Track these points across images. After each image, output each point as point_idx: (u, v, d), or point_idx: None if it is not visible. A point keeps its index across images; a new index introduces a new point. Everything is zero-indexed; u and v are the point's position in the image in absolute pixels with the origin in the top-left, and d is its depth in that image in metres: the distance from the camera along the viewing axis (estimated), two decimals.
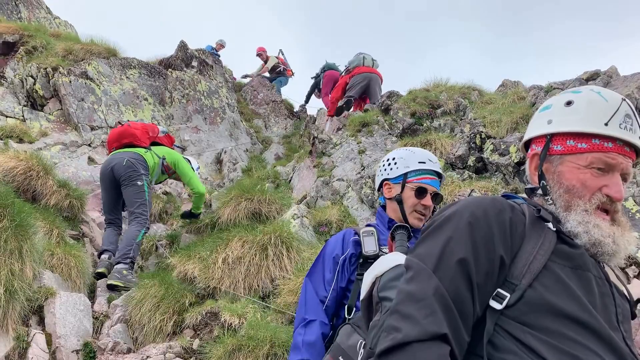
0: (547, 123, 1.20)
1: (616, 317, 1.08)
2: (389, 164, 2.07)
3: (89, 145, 6.99)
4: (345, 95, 7.98)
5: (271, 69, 12.38)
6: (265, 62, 12.49)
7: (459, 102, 6.57)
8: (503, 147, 4.90)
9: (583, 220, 1.11)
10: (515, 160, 4.65)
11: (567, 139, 1.16)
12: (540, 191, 1.21)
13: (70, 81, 7.34)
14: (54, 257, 4.07)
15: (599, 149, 1.12)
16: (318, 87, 10.75)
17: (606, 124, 1.11)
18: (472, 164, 5.14)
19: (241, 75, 12.55)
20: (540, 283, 1.02)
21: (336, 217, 4.99)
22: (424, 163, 2.02)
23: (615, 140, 1.12)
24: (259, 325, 3.36)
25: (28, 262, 3.55)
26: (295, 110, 11.90)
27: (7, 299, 3.23)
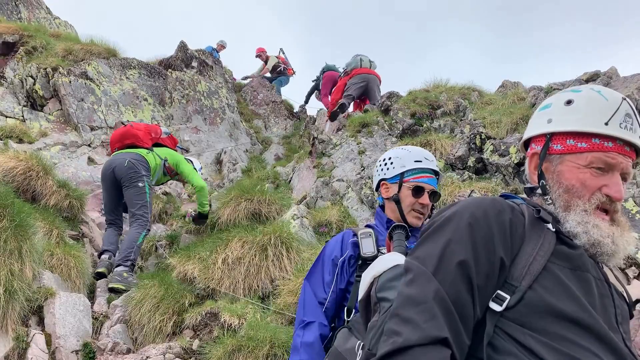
0: (547, 122, 1.19)
1: (615, 318, 1.08)
2: (386, 163, 2.06)
3: (89, 146, 6.99)
4: (343, 96, 7.98)
5: (272, 69, 12.34)
6: (265, 63, 12.46)
7: (459, 103, 6.57)
8: (503, 148, 4.90)
9: (582, 221, 1.10)
10: (515, 161, 4.65)
11: (567, 138, 1.15)
12: (539, 191, 1.20)
13: (70, 81, 7.33)
14: (54, 258, 4.07)
15: (598, 148, 1.11)
16: (318, 89, 10.76)
17: (606, 124, 1.11)
18: (472, 165, 5.14)
19: (241, 77, 12.54)
20: (540, 284, 1.01)
21: (336, 218, 4.98)
22: (420, 162, 2.01)
23: (616, 139, 1.11)
24: (259, 325, 3.36)
25: (28, 263, 3.55)
26: (295, 110, 11.91)
27: (7, 299, 3.23)
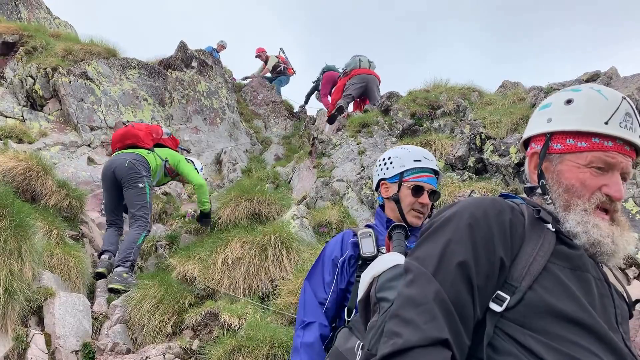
0: (547, 121, 1.19)
1: (615, 318, 1.07)
2: (385, 163, 2.06)
3: (89, 146, 6.99)
4: (342, 96, 7.98)
5: (272, 69, 12.33)
6: (265, 63, 12.44)
7: (459, 103, 6.56)
8: (503, 148, 4.89)
9: (582, 220, 1.10)
10: (516, 161, 4.65)
11: (567, 137, 1.15)
12: (539, 190, 1.20)
13: (69, 81, 7.33)
14: (54, 258, 4.07)
15: (598, 148, 1.11)
16: (318, 89, 10.76)
17: (606, 123, 1.10)
18: (472, 165, 5.14)
19: (241, 77, 12.54)
20: (540, 285, 1.01)
21: (336, 218, 4.98)
22: (420, 161, 2.01)
23: (615, 139, 1.11)
24: (259, 325, 3.35)
25: (27, 263, 3.55)
26: (295, 111, 11.91)
27: (7, 299, 3.23)
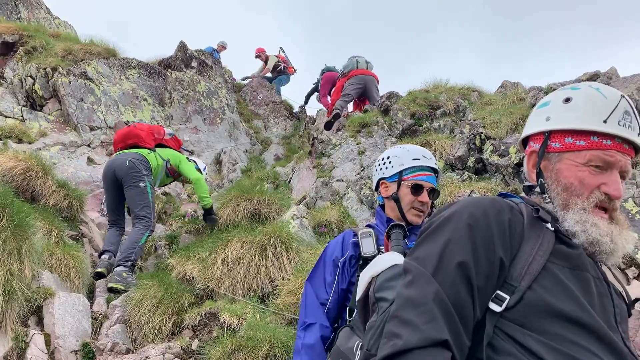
0: (545, 120, 1.18)
1: (614, 318, 1.07)
2: (384, 163, 2.07)
3: (88, 146, 6.98)
4: (341, 96, 7.99)
5: (272, 68, 12.32)
6: (265, 63, 12.44)
7: (459, 103, 6.56)
8: (503, 148, 4.90)
9: (581, 219, 1.09)
10: (515, 161, 4.65)
11: (565, 136, 1.14)
12: (538, 189, 1.19)
13: (69, 81, 7.33)
14: (53, 258, 4.07)
15: (597, 146, 1.11)
16: (318, 90, 10.77)
17: (605, 121, 1.10)
18: (472, 165, 5.14)
19: (241, 77, 12.53)
20: (540, 284, 1.01)
21: (336, 218, 4.98)
22: (418, 160, 2.02)
23: (614, 137, 1.10)
24: (258, 325, 3.35)
25: (27, 262, 3.55)
26: (294, 111, 11.91)
27: (6, 299, 3.23)
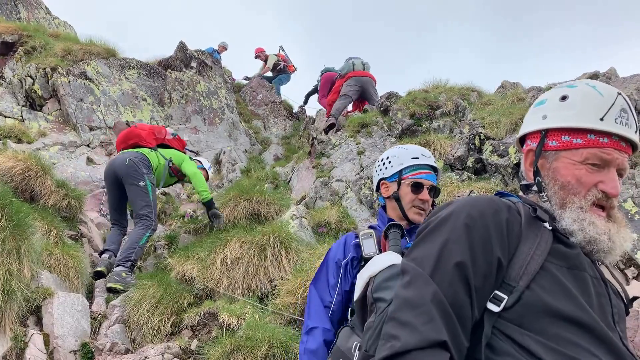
0: (542, 118, 1.18)
1: (612, 317, 1.07)
2: (384, 163, 2.09)
3: (88, 146, 6.98)
4: (339, 96, 7.99)
5: (272, 67, 12.32)
6: (265, 62, 12.44)
7: (458, 103, 6.56)
8: (502, 148, 4.90)
9: (578, 218, 1.09)
10: (515, 162, 4.65)
11: (562, 134, 1.14)
12: (535, 187, 1.19)
13: (69, 81, 7.33)
14: (52, 258, 4.06)
15: (594, 144, 1.10)
16: (317, 91, 10.77)
17: (601, 119, 1.10)
18: (471, 165, 5.14)
19: (242, 77, 12.54)
20: (538, 284, 1.01)
21: (335, 218, 4.98)
22: (418, 158, 2.03)
23: (611, 135, 1.10)
24: (258, 325, 3.35)
25: (26, 262, 3.54)
26: (294, 111, 11.91)
27: (5, 299, 3.22)
